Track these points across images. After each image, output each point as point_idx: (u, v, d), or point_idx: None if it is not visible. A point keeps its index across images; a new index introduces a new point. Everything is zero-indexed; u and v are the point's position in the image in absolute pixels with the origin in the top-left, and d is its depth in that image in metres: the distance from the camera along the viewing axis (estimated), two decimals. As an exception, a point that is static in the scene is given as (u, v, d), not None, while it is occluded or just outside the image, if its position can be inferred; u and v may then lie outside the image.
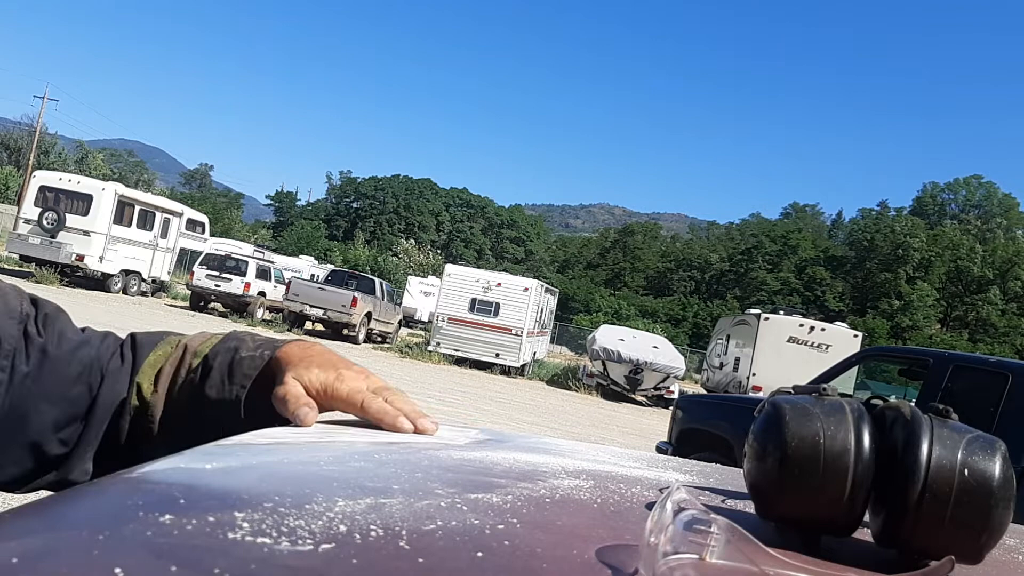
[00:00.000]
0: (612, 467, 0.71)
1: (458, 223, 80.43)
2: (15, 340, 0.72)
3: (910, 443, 0.46)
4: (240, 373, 0.76)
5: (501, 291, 17.87)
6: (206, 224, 25.12)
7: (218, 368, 0.77)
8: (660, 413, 15.55)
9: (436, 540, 0.36)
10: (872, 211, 67.37)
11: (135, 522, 0.32)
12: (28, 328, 0.74)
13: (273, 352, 0.77)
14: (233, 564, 0.29)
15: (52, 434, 0.74)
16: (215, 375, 0.76)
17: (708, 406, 6.79)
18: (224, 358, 0.77)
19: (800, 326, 16.29)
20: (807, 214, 77.72)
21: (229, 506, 0.35)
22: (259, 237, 50.99)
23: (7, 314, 0.73)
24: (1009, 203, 64.54)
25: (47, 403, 0.73)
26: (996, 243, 55.90)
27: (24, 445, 0.73)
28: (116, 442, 0.75)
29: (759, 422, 0.50)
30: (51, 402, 0.74)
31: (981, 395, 4.77)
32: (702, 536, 0.37)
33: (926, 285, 51.97)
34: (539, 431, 9.37)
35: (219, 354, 0.78)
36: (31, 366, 0.73)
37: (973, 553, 0.45)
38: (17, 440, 0.73)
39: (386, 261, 48.25)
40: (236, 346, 0.79)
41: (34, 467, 0.74)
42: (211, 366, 0.77)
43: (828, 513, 0.47)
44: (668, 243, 74.03)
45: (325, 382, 0.71)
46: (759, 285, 58.06)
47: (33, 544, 0.29)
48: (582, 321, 40.35)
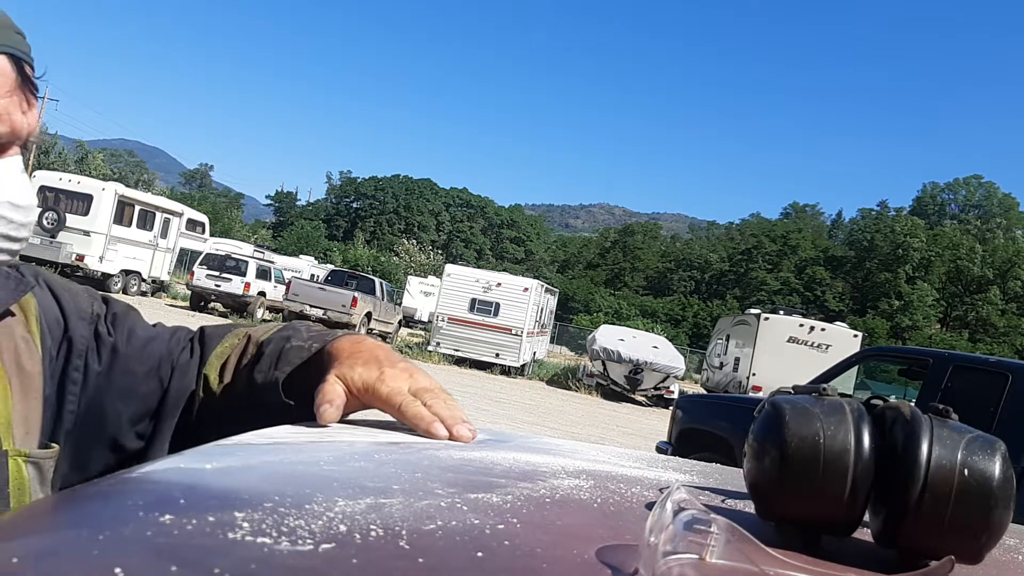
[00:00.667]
0: (612, 467, 0.71)
1: (458, 223, 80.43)
2: (87, 340, 0.76)
3: (910, 443, 0.46)
4: (285, 361, 0.78)
5: (501, 291, 17.87)
6: (206, 224, 25.13)
7: (268, 356, 0.79)
8: (660, 413, 15.55)
9: (436, 540, 0.36)
10: (872, 211, 67.37)
11: (135, 522, 0.32)
12: (99, 328, 0.78)
13: (323, 345, 0.78)
14: (233, 564, 0.29)
15: (129, 429, 0.77)
16: (264, 362, 0.79)
17: (708, 406, 6.79)
18: (276, 347, 0.80)
19: (800, 326, 16.29)
20: (807, 214, 77.71)
21: (229, 506, 0.35)
22: (259, 237, 51.00)
23: (78, 315, 0.77)
24: (1009, 203, 64.53)
25: (121, 399, 0.77)
26: (996, 243, 55.91)
27: (104, 442, 0.76)
28: (189, 432, 0.78)
29: (759, 422, 0.50)
30: (124, 398, 0.77)
31: (981, 395, 4.77)
32: (702, 536, 0.37)
33: (926, 285, 51.98)
34: (539, 431, 9.38)
35: (272, 342, 0.81)
36: (103, 365, 0.76)
37: (973, 553, 0.45)
38: (97, 438, 0.76)
39: (387, 261, 48.28)
40: (289, 335, 0.82)
41: (115, 463, 0.77)
42: (263, 353, 0.80)
43: (828, 513, 0.47)
44: (668, 243, 74.05)
45: (367, 381, 0.71)
46: (759, 285, 58.06)
47: (34, 544, 0.29)
48: (582, 321, 40.35)
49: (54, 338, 0.74)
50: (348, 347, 0.76)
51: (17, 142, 0.66)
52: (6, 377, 0.67)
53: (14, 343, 0.69)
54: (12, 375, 0.68)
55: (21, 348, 0.69)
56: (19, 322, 0.70)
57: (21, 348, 0.69)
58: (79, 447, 0.75)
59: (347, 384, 0.71)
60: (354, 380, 0.71)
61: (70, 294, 0.78)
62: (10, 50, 0.64)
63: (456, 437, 0.67)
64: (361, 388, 0.70)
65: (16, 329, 0.70)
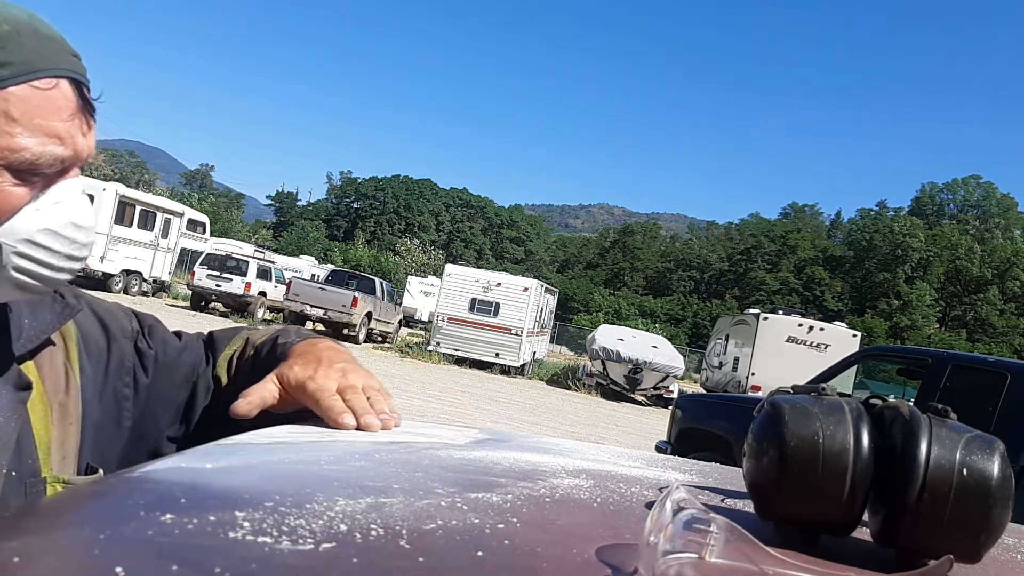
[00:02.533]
0: (612, 467, 0.71)
1: (458, 223, 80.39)
2: (132, 357, 0.81)
3: (909, 443, 0.46)
4: (259, 364, 0.83)
5: (501, 291, 17.86)
6: (207, 224, 25.11)
7: (255, 357, 0.86)
8: (659, 413, 15.55)
9: (436, 539, 0.36)
10: (871, 211, 67.31)
11: (136, 521, 0.32)
12: (139, 344, 0.82)
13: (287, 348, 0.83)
14: (234, 563, 0.29)
15: (164, 436, 0.82)
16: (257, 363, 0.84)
17: (707, 406, 6.79)
18: (262, 349, 0.86)
19: (799, 326, 16.29)
20: (806, 214, 77.70)
21: (230, 505, 0.35)
22: (260, 237, 50.92)
23: (122, 334, 0.81)
24: (1008, 203, 64.51)
25: (162, 409, 0.82)
26: (995, 243, 55.89)
27: (147, 452, 0.80)
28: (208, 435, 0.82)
29: (758, 422, 0.50)
30: (164, 408, 0.82)
31: (980, 395, 4.77)
32: (701, 535, 0.38)
33: (925, 285, 51.97)
34: (539, 431, 9.38)
35: (265, 346, 0.86)
36: (150, 377, 0.81)
37: (972, 552, 0.45)
38: (142, 449, 0.80)
39: (388, 261, 48.28)
40: (276, 337, 0.87)
41: None
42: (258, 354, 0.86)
43: (827, 512, 0.47)
44: (667, 243, 74.01)
45: (299, 379, 0.75)
46: (758, 285, 58.05)
47: (34, 543, 0.29)
48: (582, 321, 40.33)
49: (99, 360, 0.77)
50: (301, 349, 0.82)
51: (78, 164, 0.69)
52: (47, 404, 0.70)
53: (55, 370, 0.72)
54: (53, 402, 0.71)
55: (60, 375, 0.72)
56: (59, 348, 0.73)
57: (60, 375, 0.72)
58: (128, 459, 0.78)
59: (282, 382, 0.76)
60: (289, 379, 0.75)
61: (110, 315, 0.82)
62: (71, 74, 0.67)
63: (364, 426, 0.70)
64: (294, 386, 0.75)
65: (57, 356, 0.73)
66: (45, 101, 0.64)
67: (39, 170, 0.65)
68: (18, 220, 0.64)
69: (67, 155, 0.66)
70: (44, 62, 0.65)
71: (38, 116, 0.64)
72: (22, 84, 0.63)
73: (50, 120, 0.65)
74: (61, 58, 0.66)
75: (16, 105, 0.63)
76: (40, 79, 0.64)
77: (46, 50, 0.65)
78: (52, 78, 0.65)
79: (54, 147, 0.65)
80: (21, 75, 0.63)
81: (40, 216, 0.65)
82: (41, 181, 0.66)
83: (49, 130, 0.65)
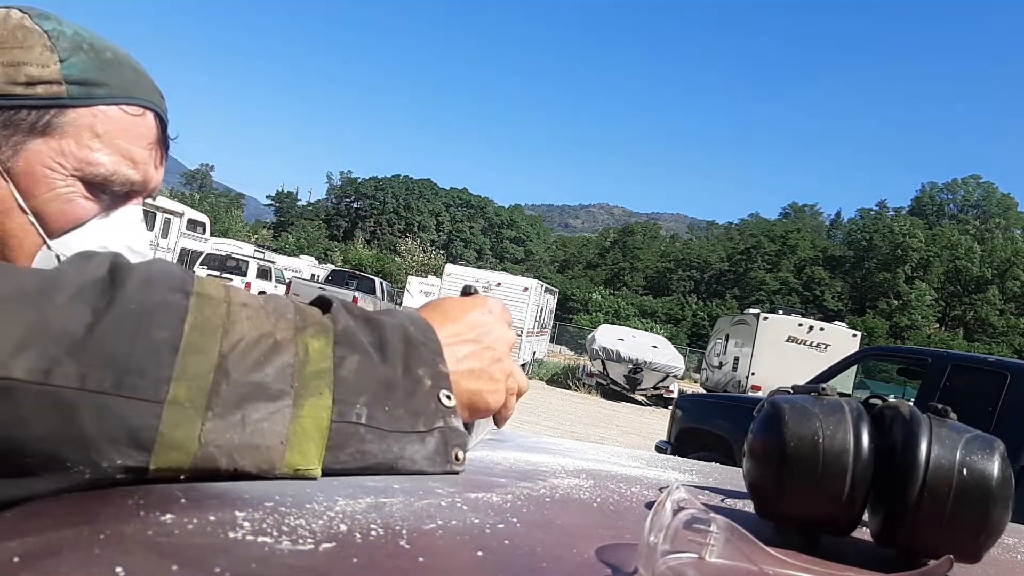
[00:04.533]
0: (612, 466, 0.71)
1: (458, 223, 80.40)
2: None
3: (909, 443, 0.46)
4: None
5: (501, 291, 17.86)
6: (207, 224, 25.10)
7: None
8: (660, 412, 15.55)
9: (436, 539, 0.36)
10: (871, 211, 67.32)
11: (136, 521, 0.32)
12: None
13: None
14: (234, 563, 0.29)
15: None
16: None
17: (707, 405, 6.79)
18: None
19: (799, 326, 16.30)
20: (806, 214, 77.72)
21: (230, 505, 0.35)
22: (260, 237, 50.94)
23: None
24: (1008, 203, 64.51)
25: None
26: (994, 243, 55.89)
27: None
28: None
29: (758, 422, 0.50)
30: None
31: (980, 394, 4.77)
32: (702, 535, 0.38)
33: (925, 285, 51.98)
34: (539, 431, 9.37)
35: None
36: None
37: (972, 552, 0.45)
38: None
39: (389, 261, 48.32)
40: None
41: None
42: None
43: (827, 512, 0.47)
44: (667, 243, 73.99)
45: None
46: (758, 285, 58.06)
47: (35, 543, 0.29)
48: (582, 321, 40.33)
49: None
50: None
51: (144, 193, 0.73)
52: None
53: None
54: None
55: None
56: None
57: None
58: None
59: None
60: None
61: None
62: (157, 109, 0.73)
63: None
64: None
65: None
66: (131, 125, 0.69)
67: (110, 188, 0.70)
68: (77, 235, 0.67)
69: (138, 180, 0.71)
70: (138, 91, 0.71)
71: (120, 137, 0.68)
72: (114, 106, 0.68)
73: (131, 144, 0.69)
74: (151, 93, 0.73)
75: (103, 123, 0.67)
76: (131, 105, 0.69)
77: (140, 82, 0.72)
78: (141, 107, 0.71)
79: (128, 169, 0.69)
80: (115, 97, 0.68)
81: (99, 235, 0.68)
82: (108, 200, 0.70)
83: (127, 152, 0.69)
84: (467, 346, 0.52)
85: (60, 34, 0.66)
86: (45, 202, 0.65)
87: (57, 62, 0.65)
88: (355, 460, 0.42)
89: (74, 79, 0.66)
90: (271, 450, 0.39)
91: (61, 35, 0.66)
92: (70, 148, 0.66)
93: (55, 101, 0.65)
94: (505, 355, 0.55)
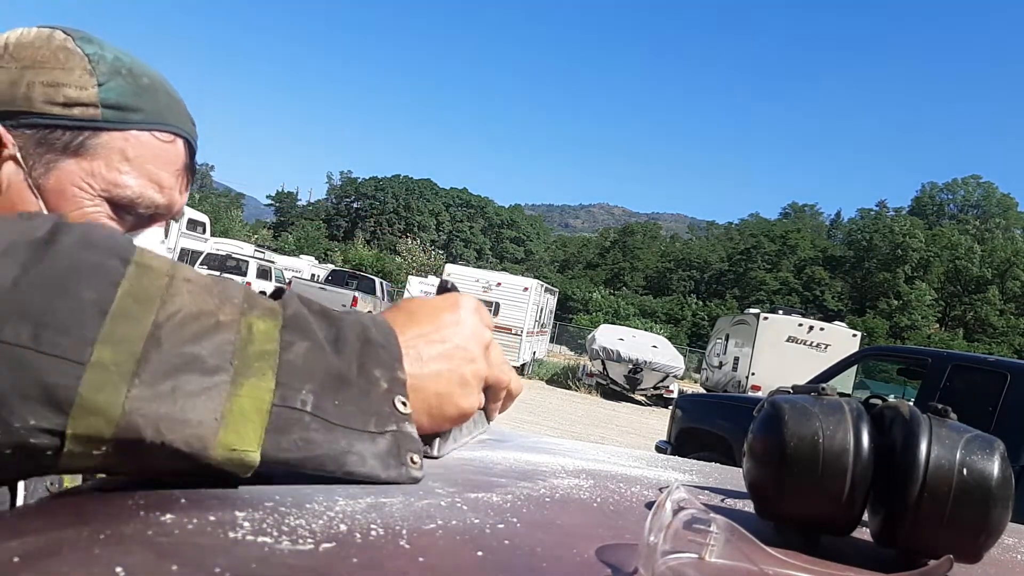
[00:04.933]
0: (612, 466, 0.71)
1: (458, 223, 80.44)
2: None
3: (909, 442, 0.46)
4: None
5: (501, 291, 17.88)
6: (207, 224, 25.11)
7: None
8: (660, 412, 15.56)
9: (436, 539, 0.36)
10: (871, 211, 67.34)
11: (136, 521, 0.32)
12: None
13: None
14: (234, 563, 0.29)
15: None
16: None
17: (707, 405, 6.79)
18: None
19: (799, 326, 16.31)
20: (806, 214, 77.76)
21: (230, 505, 0.35)
22: (260, 237, 50.98)
23: None
24: (1008, 203, 64.53)
25: None
26: (994, 243, 55.93)
27: None
28: None
29: (758, 422, 0.50)
30: None
31: (980, 394, 4.77)
32: (702, 535, 0.38)
33: (925, 285, 52.01)
34: (539, 431, 9.37)
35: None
36: None
37: (972, 552, 0.46)
38: None
39: (389, 261, 48.38)
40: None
41: None
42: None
43: (827, 512, 0.47)
44: (667, 243, 74.04)
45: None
46: (758, 285, 58.09)
47: (34, 543, 0.29)
48: (582, 321, 40.34)
49: None
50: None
51: (168, 216, 0.75)
52: None
53: None
54: None
55: None
56: None
57: None
58: None
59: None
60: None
61: None
62: (188, 136, 0.75)
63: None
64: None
65: None
66: (161, 151, 0.71)
67: (135, 210, 0.71)
68: None
69: (163, 203, 0.73)
70: (171, 118, 0.73)
71: (150, 162, 0.70)
72: (146, 132, 0.70)
73: (159, 169, 0.71)
74: (183, 120, 0.75)
75: (135, 147, 0.69)
76: (163, 131, 0.72)
77: (174, 109, 0.74)
78: (173, 135, 0.73)
79: (154, 193, 0.71)
80: (148, 123, 0.70)
81: None
82: (133, 221, 0.72)
83: (155, 177, 0.71)
84: (434, 346, 0.49)
85: (101, 58, 0.68)
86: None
87: (95, 85, 0.67)
88: (298, 448, 0.39)
89: (110, 103, 0.67)
90: (203, 425, 0.36)
91: (102, 59, 0.68)
92: (100, 170, 0.68)
93: (90, 124, 0.67)
94: (478, 355, 0.51)
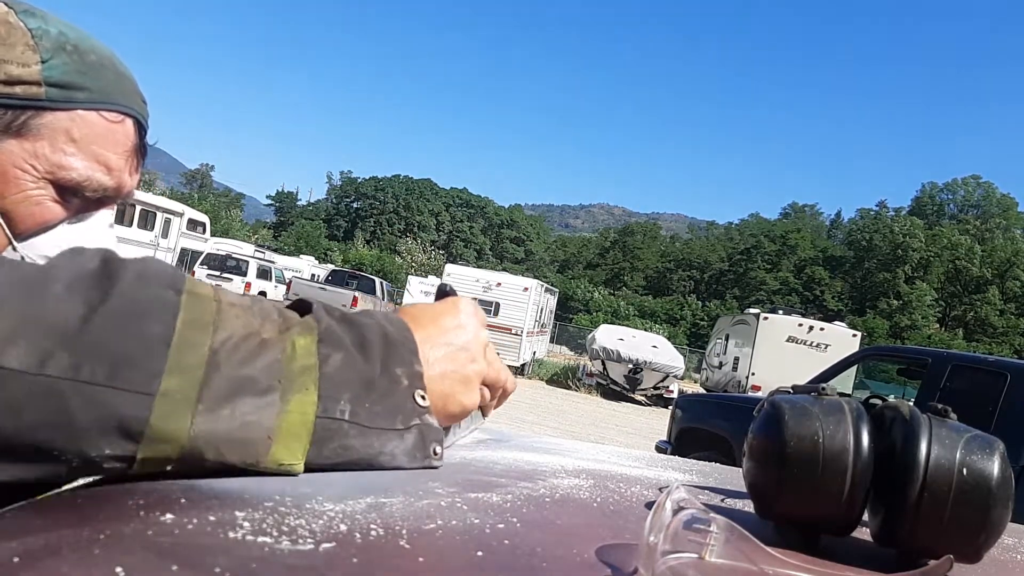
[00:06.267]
0: (612, 466, 0.71)
1: (458, 223, 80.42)
2: None
3: (909, 442, 0.46)
4: None
5: (501, 291, 17.88)
6: (207, 224, 25.11)
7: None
8: (660, 412, 15.55)
9: (436, 539, 0.36)
10: (871, 211, 67.30)
11: (136, 521, 0.32)
12: None
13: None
14: (234, 563, 0.29)
15: None
16: None
17: (707, 405, 6.79)
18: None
19: (799, 326, 16.31)
20: (806, 214, 77.73)
21: (230, 505, 0.35)
22: (260, 237, 50.93)
23: None
24: (1008, 203, 64.50)
25: None
26: (995, 243, 55.93)
27: None
28: None
29: (758, 422, 0.50)
30: None
31: (980, 395, 4.77)
32: (702, 535, 0.38)
33: (925, 285, 52.00)
34: (539, 431, 9.38)
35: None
36: None
37: (972, 552, 0.46)
38: None
39: (389, 261, 48.40)
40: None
41: None
42: None
43: (827, 512, 0.47)
44: (667, 243, 74.01)
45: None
46: (758, 285, 58.10)
47: (34, 543, 0.29)
48: (582, 321, 40.34)
49: None
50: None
51: (118, 199, 0.73)
52: None
53: None
54: None
55: None
56: None
57: None
58: None
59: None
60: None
61: None
62: (138, 115, 0.72)
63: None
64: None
65: None
66: (108, 132, 0.68)
67: (82, 193, 0.69)
68: (44, 238, 0.66)
69: (111, 186, 0.70)
70: (119, 97, 0.69)
71: (96, 143, 0.67)
72: (92, 111, 0.67)
73: (107, 150, 0.68)
74: (133, 98, 0.71)
75: (80, 127, 0.66)
76: (110, 111, 0.68)
77: (123, 87, 0.70)
78: (121, 114, 0.69)
79: (102, 175, 0.68)
80: (95, 102, 0.67)
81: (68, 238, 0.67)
82: (79, 204, 0.69)
83: (102, 159, 0.68)
84: (440, 348, 0.51)
85: (44, 33, 0.64)
86: (14, 203, 0.64)
87: (38, 62, 0.63)
88: (337, 455, 0.42)
89: (54, 81, 0.64)
90: (257, 444, 0.39)
91: (45, 34, 0.64)
92: (44, 151, 0.64)
93: (33, 103, 0.63)
94: (479, 356, 0.54)
